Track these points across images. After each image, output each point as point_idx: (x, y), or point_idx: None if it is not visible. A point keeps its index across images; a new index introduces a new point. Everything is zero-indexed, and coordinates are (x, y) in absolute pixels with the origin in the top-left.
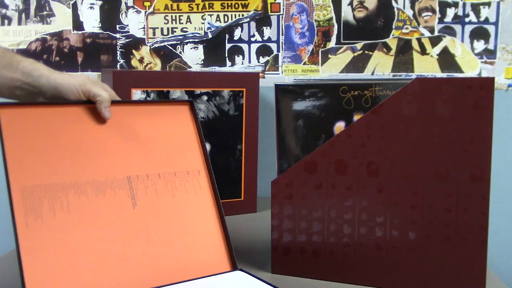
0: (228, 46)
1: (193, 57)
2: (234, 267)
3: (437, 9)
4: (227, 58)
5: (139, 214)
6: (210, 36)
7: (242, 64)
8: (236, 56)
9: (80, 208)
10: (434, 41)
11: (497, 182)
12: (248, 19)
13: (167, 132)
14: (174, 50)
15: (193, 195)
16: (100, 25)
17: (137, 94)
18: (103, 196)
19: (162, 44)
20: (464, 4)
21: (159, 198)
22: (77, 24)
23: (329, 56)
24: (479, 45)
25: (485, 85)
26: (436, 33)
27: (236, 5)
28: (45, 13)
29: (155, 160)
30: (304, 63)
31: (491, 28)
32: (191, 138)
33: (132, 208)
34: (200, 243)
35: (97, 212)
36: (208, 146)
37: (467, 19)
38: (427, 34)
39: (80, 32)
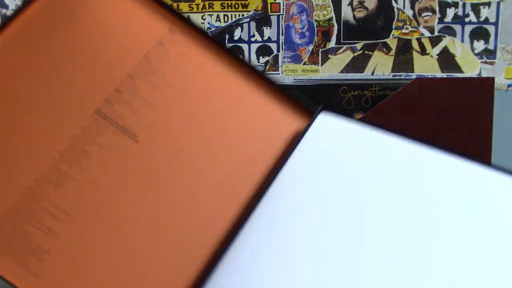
0: (228, 46)
1: None
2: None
3: (437, 9)
4: None
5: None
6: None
7: None
8: None
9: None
10: (434, 41)
11: None
12: (248, 19)
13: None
14: None
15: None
16: None
17: None
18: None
19: None
20: (464, 4)
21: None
22: None
23: (329, 56)
24: (479, 45)
25: (485, 85)
26: (436, 33)
27: (236, 5)
28: None
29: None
30: (304, 63)
31: (491, 28)
32: None
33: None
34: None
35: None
36: None
37: (467, 19)
38: (427, 34)
39: None
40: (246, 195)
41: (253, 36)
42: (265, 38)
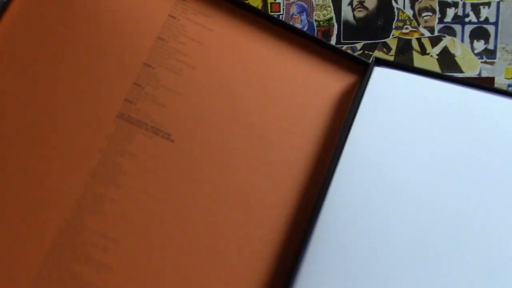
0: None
1: None
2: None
3: (437, 9)
4: None
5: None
6: None
7: None
8: None
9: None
10: (434, 41)
11: None
12: None
13: None
14: None
15: None
16: None
17: None
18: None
19: None
20: (464, 4)
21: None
22: None
23: None
24: (479, 45)
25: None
26: (436, 33)
27: None
28: None
29: None
30: None
31: (491, 28)
32: None
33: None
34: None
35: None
36: None
37: (467, 19)
38: (427, 34)
39: None
40: (305, 172)
41: None
42: None
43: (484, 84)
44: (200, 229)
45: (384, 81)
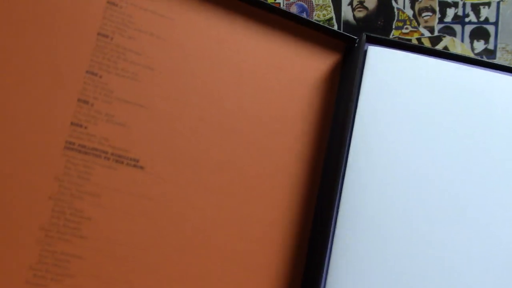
0: None
1: None
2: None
3: (437, 9)
4: None
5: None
6: None
7: None
8: None
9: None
10: (434, 41)
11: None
12: None
13: None
14: None
15: None
16: None
17: None
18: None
19: None
20: (464, 4)
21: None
22: None
23: None
24: (479, 45)
25: None
26: (436, 33)
27: None
28: None
29: None
30: None
31: (491, 28)
32: None
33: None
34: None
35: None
36: None
37: (467, 19)
38: (427, 34)
39: None
40: (300, 165)
41: None
42: None
43: (484, 60)
44: (202, 229)
45: (380, 61)
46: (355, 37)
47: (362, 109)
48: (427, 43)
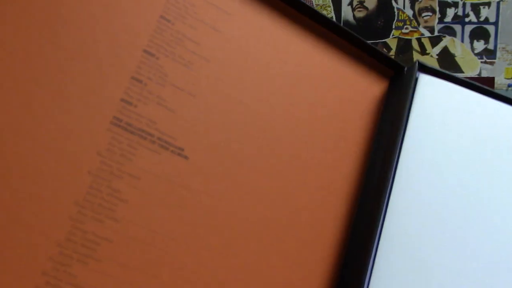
0: None
1: None
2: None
3: (437, 9)
4: None
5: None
6: None
7: None
8: None
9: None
10: (434, 41)
11: None
12: None
13: None
14: None
15: None
16: None
17: None
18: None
19: None
20: (464, 4)
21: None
22: None
23: None
24: (479, 45)
25: (485, 85)
26: (436, 33)
27: None
28: None
29: None
30: None
31: (491, 28)
32: None
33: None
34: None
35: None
36: None
37: (467, 19)
38: (427, 34)
39: None
40: (350, 176)
41: None
42: None
43: None
44: (251, 233)
45: (431, 90)
46: (404, 66)
47: (410, 137)
48: (427, 43)
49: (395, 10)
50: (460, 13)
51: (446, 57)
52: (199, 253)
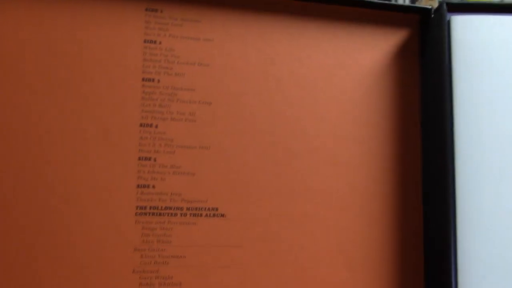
0: None
1: None
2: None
3: None
4: None
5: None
6: None
7: None
8: None
9: None
10: None
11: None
12: None
13: None
14: None
15: None
16: None
17: None
18: None
19: None
20: None
21: None
22: None
23: None
24: None
25: None
26: None
27: None
28: None
29: None
30: None
31: None
32: None
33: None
34: None
35: None
36: None
37: None
38: None
39: None
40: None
41: None
42: None
43: None
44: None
45: (469, 32)
46: (429, 8)
47: (459, 90)
48: None
49: None
50: None
51: None
52: None
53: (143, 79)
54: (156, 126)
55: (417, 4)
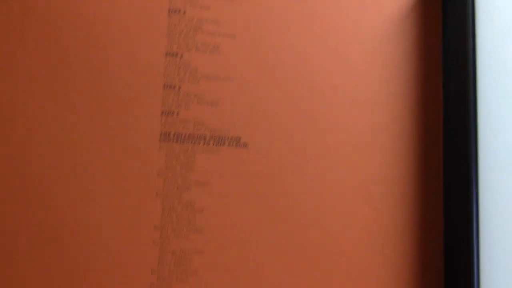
0: None
1: None
2: None
3: None
4: None
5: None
6: None
7: None
8: None
9: None
10: None
11: None
12: None
13: None
14: None
15: None
16: None
17: None
18: None
19: None
20: None
21: None
22: None
23: None
24: None
25: None
26: None
27: None
28: None
29: None
30: None
31: None
32: None
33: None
34: None
35: None
36: None
37: None
38: None
39: None
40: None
41: None
42: None
43: None
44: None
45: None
46: None
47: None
48: None
49: None
50: None
51: None
52: (287, 233)
53: (169, 10)
54: (181, 56)
55: None
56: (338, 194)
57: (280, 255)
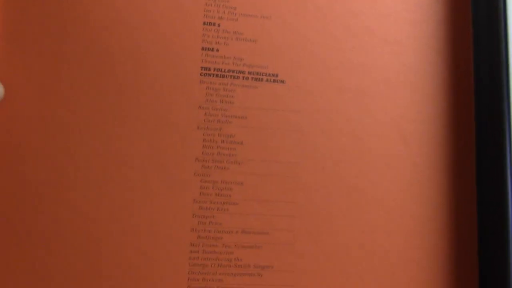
0: None
1: None
2: None
3: None
4: None
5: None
6: None
7: None
8: None
9: None
10: None
11: None
12: None
13: None
14: None
15: None
16: None
17: None
18: None
19: None
20: None
21: None
22: None
23: None
24: None
25: None
26: None
27: None
28: None
29: None
30: None
31: None
32: None
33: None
34: None
35: None
36: None
37: None
38: None
39: None
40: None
41: None
42: None
43: None
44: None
45: None
46: None
47: None
48: None
49: None
50: None
51: None
52: (321, 172)
53: None
54: None
55: None
56: (372, 131)
57: (315, 189)
